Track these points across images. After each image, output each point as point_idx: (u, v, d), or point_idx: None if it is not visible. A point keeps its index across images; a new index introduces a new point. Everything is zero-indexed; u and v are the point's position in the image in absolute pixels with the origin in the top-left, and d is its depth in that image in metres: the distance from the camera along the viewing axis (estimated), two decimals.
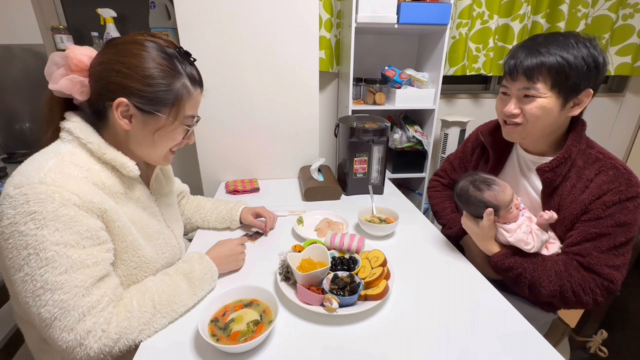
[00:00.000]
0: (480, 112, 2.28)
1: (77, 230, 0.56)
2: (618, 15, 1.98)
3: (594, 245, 0.77)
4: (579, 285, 0.76)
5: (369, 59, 2.00)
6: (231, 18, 1.21)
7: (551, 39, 0.77)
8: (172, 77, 0.65)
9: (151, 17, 1.73)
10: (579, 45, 0.74)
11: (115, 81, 0.62)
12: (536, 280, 0.79)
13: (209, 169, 1.43)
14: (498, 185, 0.85)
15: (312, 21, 1.27)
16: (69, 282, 0.55)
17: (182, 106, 0.68)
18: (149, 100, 0.63)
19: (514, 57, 0.79)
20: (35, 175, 0.55)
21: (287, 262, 0.74)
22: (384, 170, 1.30)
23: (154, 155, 0.72)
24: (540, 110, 0.78)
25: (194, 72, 0.69)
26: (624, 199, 0.75)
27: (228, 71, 1.28)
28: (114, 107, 0.62)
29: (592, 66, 0.74)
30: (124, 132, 0.66)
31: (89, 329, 0.55)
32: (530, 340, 0.64)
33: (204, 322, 0.61)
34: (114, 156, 0.65)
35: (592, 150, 0.82)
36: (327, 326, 0.66)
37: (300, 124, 1.42)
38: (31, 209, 0.53)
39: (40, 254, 0.53)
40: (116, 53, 0.63)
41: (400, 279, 0.79)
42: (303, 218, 1.06)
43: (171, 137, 0.70)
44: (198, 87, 0.71)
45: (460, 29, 1.90)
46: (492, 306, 0.72)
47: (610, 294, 0.76)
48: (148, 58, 0.63)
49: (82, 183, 0.59)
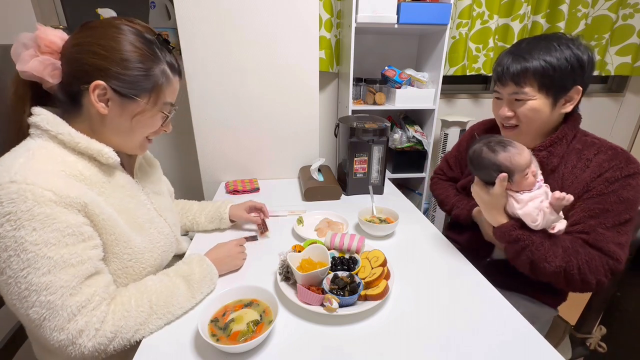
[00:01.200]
0: (480, 112, 2.28)
1: (57, 228, 0.54)
2: (618, 15, 1.98)
3: (598, 221, 0.77)
4: (585, 262, 0.74)
5: (369, 59, 2.00)
6: (231, 18, 1.21)
7: (534, 44, 0.80)
8: (151, 62, 0.63)
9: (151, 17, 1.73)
10: (562, 47, 0.77)
11: (91, 63, 0.60)
12: (542, 255, 0.76)
13: (209, 169, 1.43)
14: (514, 147, 0.80)
15: (312, 21, 1.27)
16: (54, 283, 0.53)
17: (162, 92, 0.67)
18: (127, 83, 0.62)
19: (501, 64, 0.83)
20: (5, 175, 0.52)
21: (287, 262, 0.74)
22: (384, 170, 1.30)
23: (130, 142, 0.70)
24: (531, 111, 0.81)
25: (173, 60, 0.68)
26: (626, 175, 0.76)
27: (228, 71, 1.28)
28: (90, 90, 0.60)
29: (576, 66, 0.76)
30: (99, 118, 0.64)
31: (81, 329, 0.55)
32: (530, 341, 0.64)
33: (204, 322, 0.61)
34: (88, 144, 0.63)
35: (587, 137, 0.85)
36: (327, 326, 0.66)
37: (300, 124, 1.42)
38: (5, 210, 0.51)
39: (21, 255, 0.51)
40: (92, 35, 0.61)
41: (400, 279, 0.79)
42: (303, 218, 1.06)
43: (149, 124, 0.68)
44: (177, 75, 0.70)
45: (460, 29, 1.90)
46: (492, 306, 0.72)
47: (614, 274, 0.76)
48: (126, 41, 0.61)
49: (56, 177, 0.56)
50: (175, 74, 0.69)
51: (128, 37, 0.61)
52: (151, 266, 0.71)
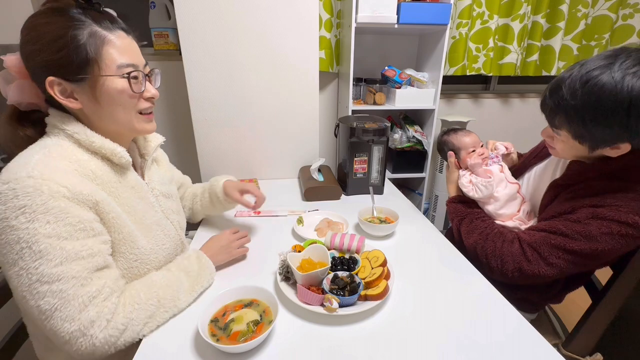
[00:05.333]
0: (480, 112, 2.28)
1: (69, 222, 0.55)
2: (618, 15, 1.98)
3: (547, 236, 0.76)
4: (491, 251, 0.82)
5: (369, 59, 2.00)
6: (231, 17, 1.21)
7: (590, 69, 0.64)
8: (74, 29, 0.57)
9: (151, 17, 1.73)
10: (625, 76, 0.60)
11: (35, 63, 0.58)
12: (464, 230, 0.92)
13: (209, 169, 1.43)
14: (462, 131, 1.03)
15: (312, 21, 1.26)
16: (65, 273, 0.54)
17: (104, 54, 0.59)
18: (69, 65, 0.58)
19: (544, 93, 0.74)
20: (22, 170, 0.54)
21: (287, 262, 0.74)
22: (384, 170, 1.30)
23: (121, 125, 0.66)
24: (566, 147, 0.75)
25: (104, 17, 0.61)
26: (614, 219, 0.69)
27: (228, 71, 1.28)
28: (50, 91, 0.59)
29: (623, 113, 0.62)
30: (82, 114, 0.63)
31: (92, 319, 0.55)
32: (530, 341, 0.63)
33: (204, 322, 0.61)
34: (102, 143, 0.63)
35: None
36: (327, 326, 0.66)
37: (301, 124, 1.42)
38: (20, 203, 0.52)
39: (33, 247, 0.52)
40: (23, 35, 0.58)
41: (400, 279, 0.79)
42: (303, 218, 1.06)
43: (116, 95, 0.62)
44: (117, 30, 0.61)
45: (460, 29, 1.90)
46: (492, 306, 0.72)
47: (522, 274, 0.78)
48: (47, 23, 0.57)
49: (71, 175, 0.57)
50: (113, 31, 0.61)
51: (44, 19, 0.58)
52: (155, 268, 0.72)
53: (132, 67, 0.63)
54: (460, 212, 0.96)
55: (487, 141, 1.07)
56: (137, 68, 0.64)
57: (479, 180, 0.93)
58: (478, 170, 0.96)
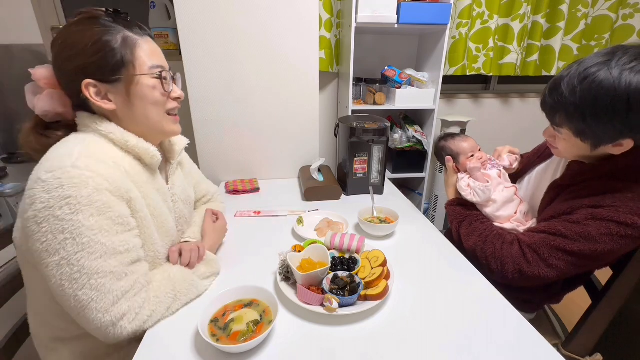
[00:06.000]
0: (481, 112, 2.28)
1: (110, 217, 0.57)
2: (618, 15, 1.98)
3: (547, 237, 0.76)
4: (491, 253, 0.83)
5: (369, 59, 2.00)
6: (231, 17, 1.21)
7: (589, 66, 0.65)
8: (109, 34, 0.62)
9: (151, 17, 1.73)
10: (621, 74, 0.60)
11: (71, 68, 0.61)
12: (464, 232, 0.92)
13: (209, 169, 1.43)
14: (460, 136, 1.04)
15: (312, 21, 1.26)
16: (104, 268, 0.56)
17: (136, 56, 0.64)
18: (104, 67, 0.61)
19: (546, 88, 0.73)
20: (66, 159, 0.55)
21: (287, 262, 0.74)
22: (384, 170, 1.30)
23: (152, 125, 0.69)
24: (568, 145, 0.75)
25: (132, 24, 0.66)
26: (615, 220, 0.69)
27: (228, 71, 1.28)
28: (85, 93, 0.61)
29: (622, 109, 0.62)
30: (115, 116, 0.66)
31: (124, 312, 0.58)
32: (530, 341, 0.63)
33: (204, 322, 0.61)
34: (137, 142, 0.66)
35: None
36: (327, 326, 0.66)
37: (300, 124, 1.42)
38: (66, 194, 0.53)
39: (77, 239, 0.54)
40: (58, 45, 0.62)
41: (400, 279, 0.79)
42: (303, 218, 1.06)
43: (146, 95, 0.66)
44: (146, 36, 0.67)
45: (460, 29, 1.90)
46: (492, 306, 0.72)
47: (522, 276, 0.78)
48: (81, 31, 0.61)
49: (112, 169, 0.60)
50: (142, 36, 0.66)
51: (81, 26, 0.62)
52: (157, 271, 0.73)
53: (161, 68, 0.68)
54: (460, 214, 0.96)
55: (495, 148, 1.06)
56: (165, 69, 0.69)
57: (477, 184, 0.93)
58: (477, 175, 0.96)
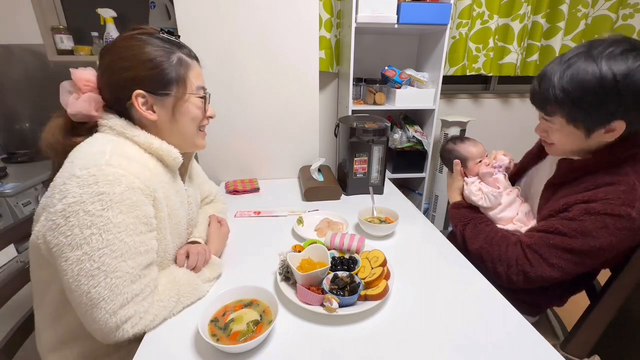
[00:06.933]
0: (481, 112, 2.28)
1: (137, 215, 0.58)
2: (618, 15, 1.98)
3: (545, 236, 0.77)
4: (497, 255, 0.83)
5: (369, 59, 2.00)
6: (231, 17, 1.21)
7: (574, 57, 0.69)
8: (168, 53, 0.67)
9: (151, 17, 1.73)
10: (601, 61, 0.65)
11: (124, 77, 0.64)
12: (468, 235, 0.92)
13: (209, 169, 1.43)
14: (469, 140, 1.03)
15: (312, 21, 1.26)
16: (122, 268, 0.57)
17: (187, 77, 0.70)
18: (158, 82, 0.66)
19: (534, 80, 0.76)
20: (100, 157, 0.56)
21: (287, 262, 0.74)
22: (384, 170, 1.30)
23: (186, 138, 0.74)
24: (563, 137, 0.76)
25: (182, 45, 0.72)
26: (609, 213, 0.70)
27: (228, 71, 1.28)
28: (134, 102, 0.64)
29: (612, 91, 0.65)
30: (152, 125, 0.68)
31: (129, 316, 0.58)
32: (530, 341, 0.63)
33: (204, 322, 0.61)
34: (160, 144, 0.68)
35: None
36: (327, 326, 0.66)
37: (300, 124, 1.42)
38: (100, 190, 0.54)
39: (103, 235, 0.55)
40: (113, 54, 0.65)
41: (400, 278, 0.79)
42: (303, 218, 1.06)
43: (190, 112, 0.72)
44: (194, 60, 0.73)
45: (460, 29, 1.90)
46: (492, 306, 0.72)
47: (526, 277, 0.78)
48: (142, 45, 0.65)
49: (142, 168, 0.61)
50: (192, 59, 0.72)
51: (142, 40, 0.66)
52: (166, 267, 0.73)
53: (205, 90, 0.74)
54: (464, 217, 0.96)
55: (490, 151, 1.07)
56: (206, 91, 0.75)
57: (489, 190, 0.93)
58: (488, 180, 0.96)
